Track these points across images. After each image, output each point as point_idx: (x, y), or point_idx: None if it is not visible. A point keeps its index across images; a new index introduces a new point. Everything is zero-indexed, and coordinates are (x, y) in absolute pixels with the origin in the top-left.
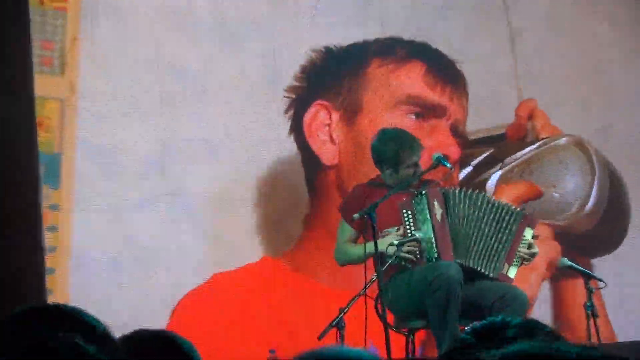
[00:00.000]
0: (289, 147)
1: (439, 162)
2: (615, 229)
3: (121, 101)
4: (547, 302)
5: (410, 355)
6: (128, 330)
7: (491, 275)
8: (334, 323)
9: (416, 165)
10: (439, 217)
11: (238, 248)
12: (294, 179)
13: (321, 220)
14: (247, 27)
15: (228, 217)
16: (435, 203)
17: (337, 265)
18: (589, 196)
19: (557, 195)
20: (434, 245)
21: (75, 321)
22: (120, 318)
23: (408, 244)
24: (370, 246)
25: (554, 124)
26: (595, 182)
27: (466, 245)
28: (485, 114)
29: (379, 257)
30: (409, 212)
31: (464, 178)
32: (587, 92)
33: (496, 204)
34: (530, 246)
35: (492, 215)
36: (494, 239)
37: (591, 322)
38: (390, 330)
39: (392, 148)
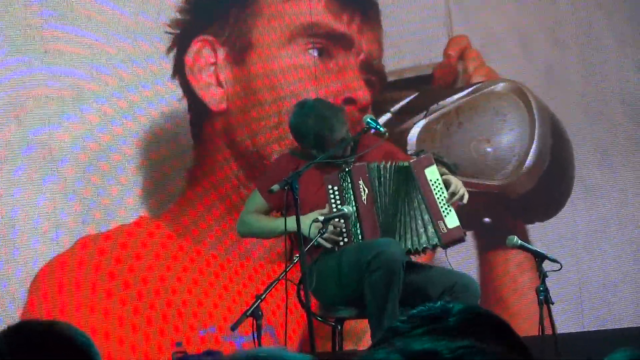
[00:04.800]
0: (174, 91)
1: (370, 126)
2: (557, 189)
3: None
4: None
5: (337, 349)
6: None
7: (435, 243)
8: (249, 312)
9: (343, 139)
10: (364, 197)
11: (113, 209)
12: (179, 128)
13: (206, 174)
14: None
15: (101, 173)
16: (361, 182)
17: (224, 228)
18: (528, 152)
19: (491, 150)
20: (359, 228)
21: None
22: None
23: (335, 220)
24: (289, 221)
25: (489, 66)
26: (536, 136)
27: (395, 228)
28: (409, 52)
29: (302, 236)
30: (335, 188)
31: None
32: (528, 28)
33: (392, 169)
34: (445, 184)
35: (398, 185)
36: (409, 208)
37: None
38: (314, 320)
39: (312, 129)
